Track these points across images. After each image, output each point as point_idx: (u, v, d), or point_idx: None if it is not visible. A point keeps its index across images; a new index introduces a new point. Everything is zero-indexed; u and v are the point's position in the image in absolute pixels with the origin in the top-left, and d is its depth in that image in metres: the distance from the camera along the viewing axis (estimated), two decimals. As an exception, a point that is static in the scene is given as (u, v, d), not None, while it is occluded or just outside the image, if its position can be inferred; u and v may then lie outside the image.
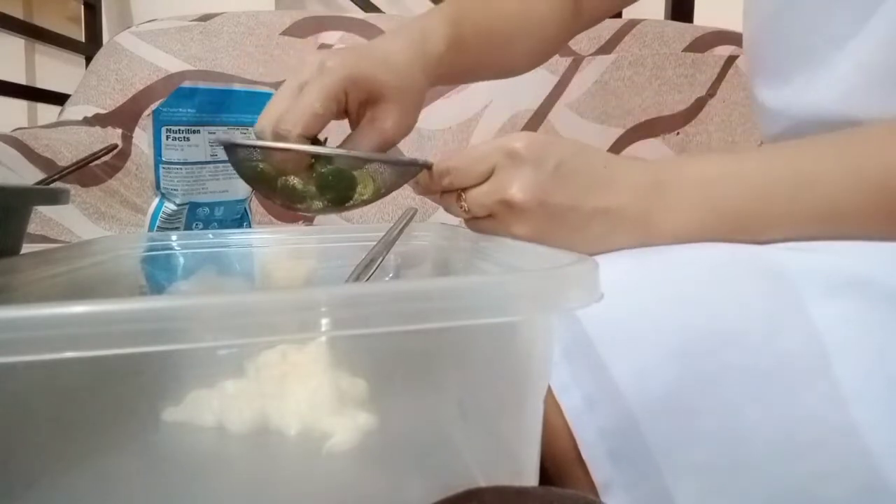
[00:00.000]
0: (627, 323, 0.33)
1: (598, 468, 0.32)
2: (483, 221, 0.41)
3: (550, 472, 0.33)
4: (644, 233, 0.39)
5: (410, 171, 0.43)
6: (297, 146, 0.41)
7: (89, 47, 1.43)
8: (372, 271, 0.39)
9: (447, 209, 0.43)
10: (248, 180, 0.45)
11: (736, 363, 0.31)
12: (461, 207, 0.41)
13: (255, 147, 0.42)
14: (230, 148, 0.43)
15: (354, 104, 0.45)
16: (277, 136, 0.42)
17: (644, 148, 1.16)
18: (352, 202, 0.42)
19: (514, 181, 0.38)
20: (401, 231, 0.44)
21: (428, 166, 0.42)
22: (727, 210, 0.38)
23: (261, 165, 0.42)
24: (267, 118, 0.43)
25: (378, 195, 0.43)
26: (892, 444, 0.30)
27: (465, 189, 0.40)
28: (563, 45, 0.66)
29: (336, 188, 0.41)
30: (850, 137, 0.38)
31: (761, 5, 0.49)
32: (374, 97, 0.45)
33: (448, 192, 0.42)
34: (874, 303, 0.32)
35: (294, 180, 0.41)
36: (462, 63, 0.54)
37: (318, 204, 0.42)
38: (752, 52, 0.52)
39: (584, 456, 0.32)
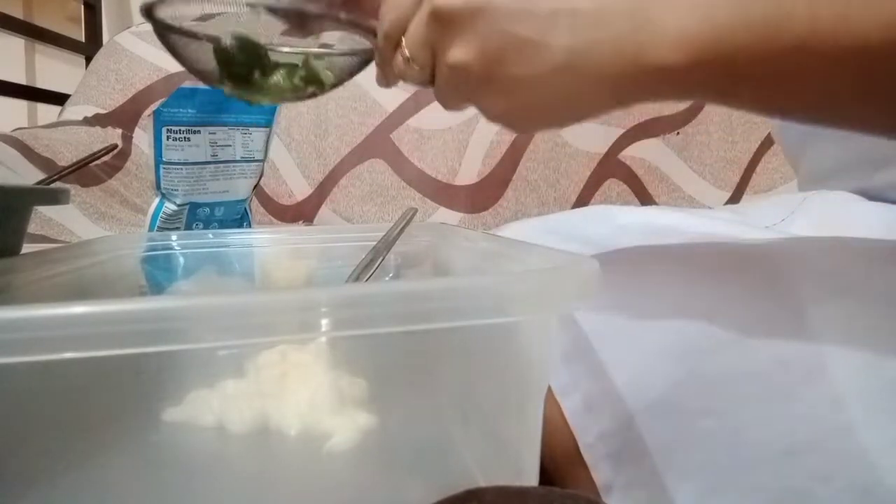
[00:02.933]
0: (626, 325, 0.33)
1: (599, 470, 0.32)
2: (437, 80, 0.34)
3: (551, 472, 0.33)
4: (634, 39, 0.28)
5: (362, 59, 0.41)
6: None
7: (89, 47, 1.43)
8: (372, 271, 0.39)
9: (403, 77, 0.35)
10: (191, 69, 0.44)
11: (734, 364, 0.31)
12: (405, 60, 0.33)
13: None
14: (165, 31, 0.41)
15: None
16: None
17: (644, 148, 1.16)
18: (310, 90, 0.41)
19: None
20: (401, 231, 0.44)
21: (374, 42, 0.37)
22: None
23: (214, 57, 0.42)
24: None
25: (333, 85, 0.42)
26: (888, 444, 0.30)
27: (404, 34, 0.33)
28: None
29: (299, 78, 0.41)
30: None
31: None
32: None
33: (402, 60, 0.34)
34: (871, 304, 0.32)
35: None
36: None
37: (277, 87, 0.41)
38: None
39: (585, 458, 0.32)
